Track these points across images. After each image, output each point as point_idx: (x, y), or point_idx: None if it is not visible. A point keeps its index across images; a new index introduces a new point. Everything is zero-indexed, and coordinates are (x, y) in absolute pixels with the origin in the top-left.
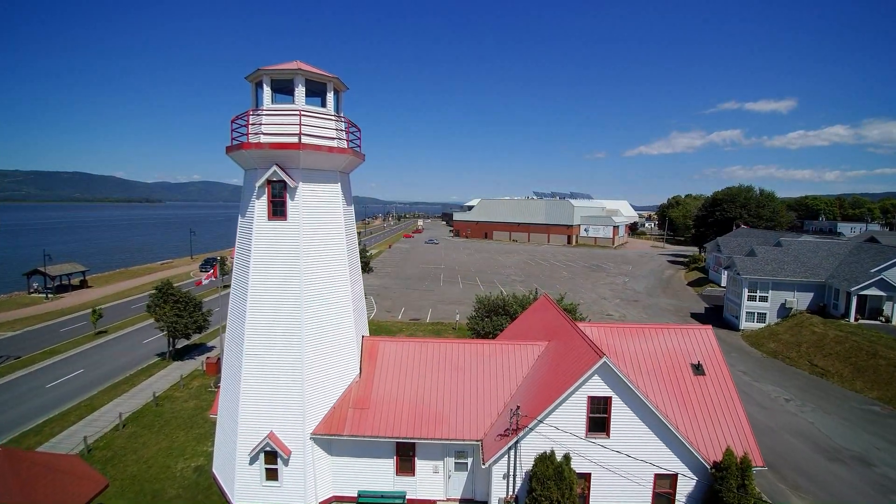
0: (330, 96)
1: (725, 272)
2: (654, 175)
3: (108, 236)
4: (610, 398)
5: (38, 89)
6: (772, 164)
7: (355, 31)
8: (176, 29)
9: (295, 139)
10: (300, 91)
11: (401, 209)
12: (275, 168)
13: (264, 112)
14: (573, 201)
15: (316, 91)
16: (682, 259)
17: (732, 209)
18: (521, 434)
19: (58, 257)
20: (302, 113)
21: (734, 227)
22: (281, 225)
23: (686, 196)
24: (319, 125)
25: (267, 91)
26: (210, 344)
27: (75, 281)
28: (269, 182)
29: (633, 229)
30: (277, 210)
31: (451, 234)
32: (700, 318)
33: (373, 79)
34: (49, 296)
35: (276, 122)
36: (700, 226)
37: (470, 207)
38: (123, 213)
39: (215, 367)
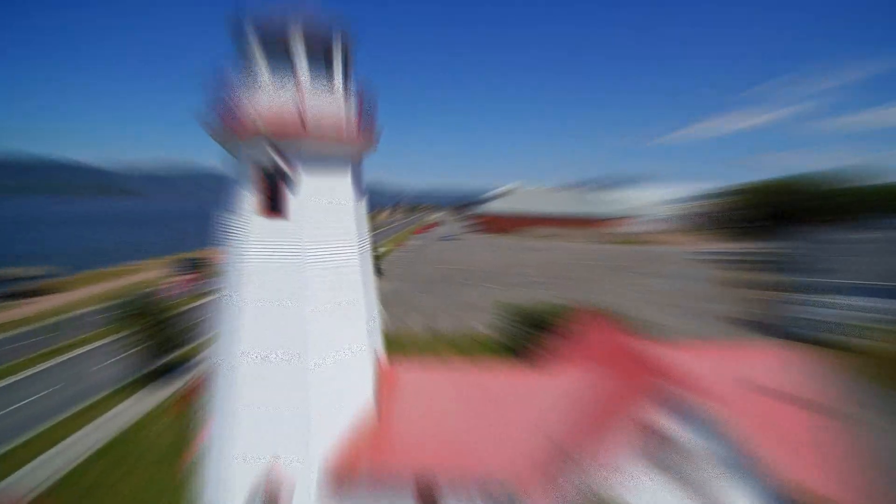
0: (337, 57)
1: (794, 276)
2: (688, 160)
3: (81, 234)
4: (684, 435)
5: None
6: (811, 149)
7: None
8: None
9: (296, 122)
10: (299, 52)
11: (411, 199)
12: (268, 148)
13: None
14: (608, 192)
15: (316, 49)
16: (733, 257)
17: (797, 201)
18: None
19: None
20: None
21: (799, 222)
22: (279, 225)
23: (734, 186)
24: (327, 102)
25: (257, 52)
26: (192, 361)
27: (31, 286)
28: (262, 172)
29: (673, 221)
30: (274, 206)
31: (469, 229)
32: (765, 329)
33: (384, 39)
34: None
35: (271, 97)
36: (757, 220)
37: (489, 199)
38: (100, 205)
39: (198, 391)
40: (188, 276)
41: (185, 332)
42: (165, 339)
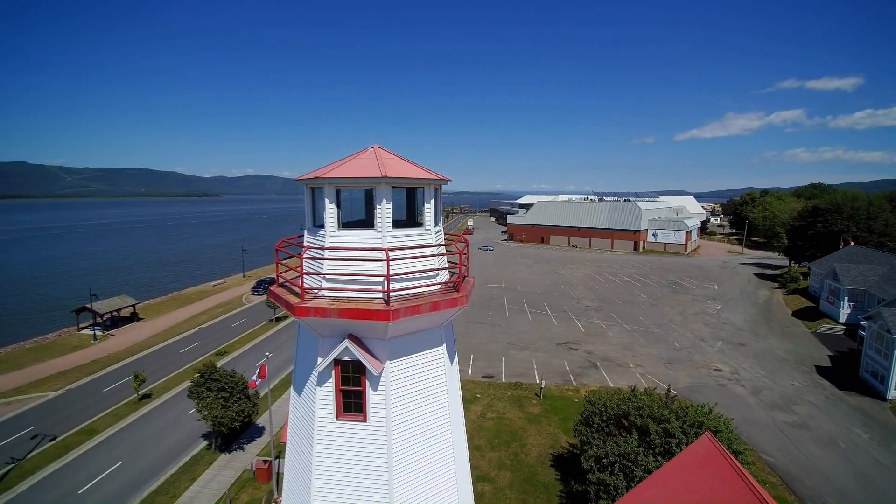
0: (429, 206)
1: (847, 309)
2: (709, 160)
3: (163, 243)
4: None
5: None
6: (838, 145)
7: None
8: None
9: (379, 300)
10: (384, 210)
11: (446, 199)
12: (346, 343)
13: (328, 247)
14: (640, 203)
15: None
16: (769, 272)
17: (838, 221)
18: None
19: (108, 279)
20: (390, 257)
21: (841, 244)
22: (356, 427)
23: (763, 193)
24: (417, 265)
25: (330, 210)
26: (259, 423)
27: (126, 313)
28: (336, 362)
29: (703, 228)
30: (350, 406)
31: (505, 238)
32: (828, 373)
33: (411, 55)
34: (97, 335)
35: (346, 268)
36: (797, 238)
37: (522, 205)
38: (182, 209)
39: (266, 474)
40: (259, 369)
41: (253, 407)
42: (234, 418)
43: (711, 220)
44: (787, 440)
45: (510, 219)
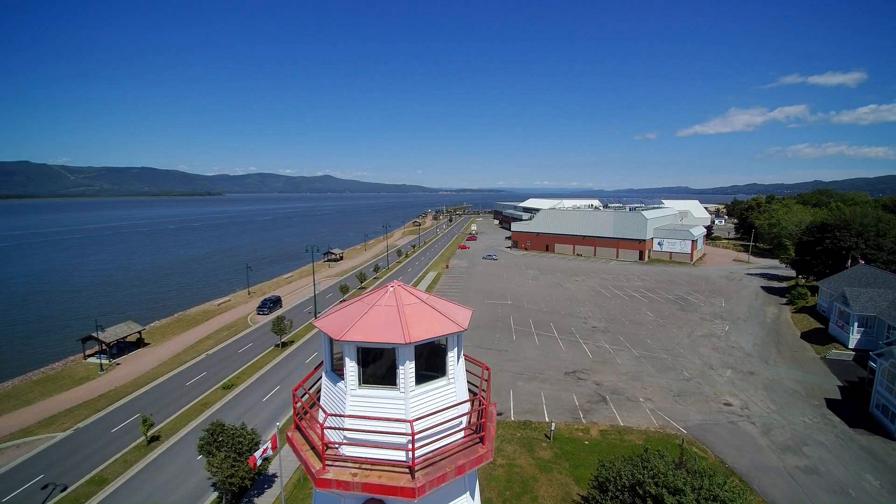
0: (451, 354)
1: (857, 334)
2: (712, 156)
3: (164, 252)
4: None
5: (109, 87)
6: (842, 141)
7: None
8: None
9: (403, 466)
10: (407, 370)
11: (448, 198)
12: None
13: (348, 413)
14: (645, 212)
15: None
16: (776, 285)
17: (846, 238)
18: None
19: (110, 295)
20: (415, 434)
21: (850, 261)
22: None
23: (769, 199)
24: (441, 426)
25: (351, 367)
26: (271, 471)
27: (132, 338)
28: None
29: (709, 233)
30: None
31: (509, 245)
32: (838, 407)
33: (411, 56)
34: (104, 365)
35: (366, 434)
36: (804, 252)
37: (526, 209)
38: (184, 210)
39: None
40: (264, 448)
41: (264, 466)
42: (244, 477)
43: (716, 222)
44: (798, 489)
45: (514, 226)
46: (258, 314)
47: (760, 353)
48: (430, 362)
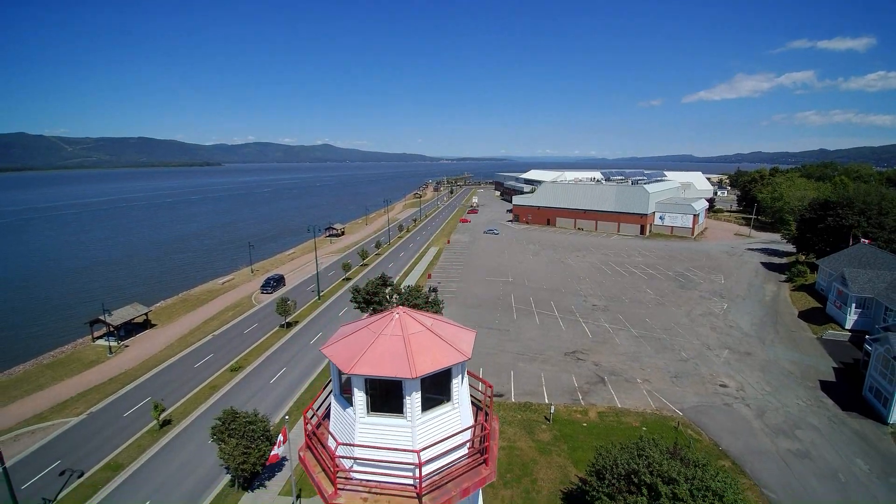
0: (456, 381)
1: (854, 315)
2: (717, 123)
3: (165, 227)
4: None
5: (104, 55)
6: (849, 108)
7: None
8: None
9: (413, 500)
10: (413, 401)
11: (449, 168)
12: None
13: (357, 442)
14: (647, 186)
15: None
16: (777, 260)
17: (849, 216)
18: None
19: (113, 274)
20: (422, 464)
21: (851, 240)
22: None
23: (774, 172)
24: (447, 452)
25: (360, 397)
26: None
27: (139, 320)
28: None
29: (710, 205)
30: None
31: (510, 219)
32: (832, 389)
33: (411, 18)
34: (112, 347)
35: (377, 456)
36: (806, 230)
37: (527, 181)
38: (182, 182)
39: None
40: (278, 442)
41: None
42: (255, 463)
43: (718, 193)
44: (790, 473)
45: (516, 199)
46: (262, 293)
47: (758, 333)
48: (436, 387)
